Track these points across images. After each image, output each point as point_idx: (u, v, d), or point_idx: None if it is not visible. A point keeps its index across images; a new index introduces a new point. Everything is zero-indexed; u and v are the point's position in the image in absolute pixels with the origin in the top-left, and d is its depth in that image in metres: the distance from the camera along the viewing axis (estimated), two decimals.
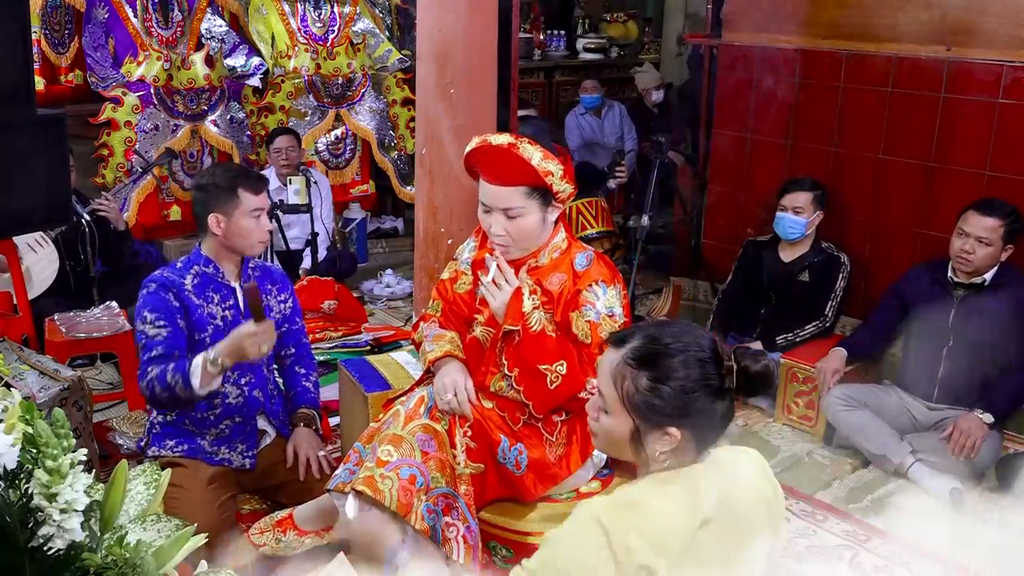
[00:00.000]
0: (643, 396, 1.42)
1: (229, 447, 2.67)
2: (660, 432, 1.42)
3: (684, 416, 1.41)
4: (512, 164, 2.17)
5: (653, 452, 1.45)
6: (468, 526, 2.17)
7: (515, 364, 2.21)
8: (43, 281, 3.95)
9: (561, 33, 7.52)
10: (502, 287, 2.18)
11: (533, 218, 2.23)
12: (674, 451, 1.44)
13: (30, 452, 1.16)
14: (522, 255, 2.30)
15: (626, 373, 1.43)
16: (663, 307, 4.82)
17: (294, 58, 5.29)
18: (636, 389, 1.42)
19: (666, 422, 1.41)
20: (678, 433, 1.41)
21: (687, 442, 1.43)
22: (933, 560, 2.69)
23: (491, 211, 2.24)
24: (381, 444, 2.19)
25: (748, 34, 4.24)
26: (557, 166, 2.20)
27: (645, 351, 1.43)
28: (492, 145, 2.21)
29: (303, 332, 2.92)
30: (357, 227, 5.65)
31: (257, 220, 2.60)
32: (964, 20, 3.50)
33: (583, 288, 2.23)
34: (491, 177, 2.22)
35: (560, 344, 2.20)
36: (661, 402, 1.41)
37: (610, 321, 2.21)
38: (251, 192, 2.59)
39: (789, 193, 3.71)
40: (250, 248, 2.63)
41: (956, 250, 3.15)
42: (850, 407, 3.24)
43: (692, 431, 1.42)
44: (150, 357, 2.47)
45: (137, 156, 4.70)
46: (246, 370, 2.66)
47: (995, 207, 3.12)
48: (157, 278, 2.57)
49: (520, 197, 2.20)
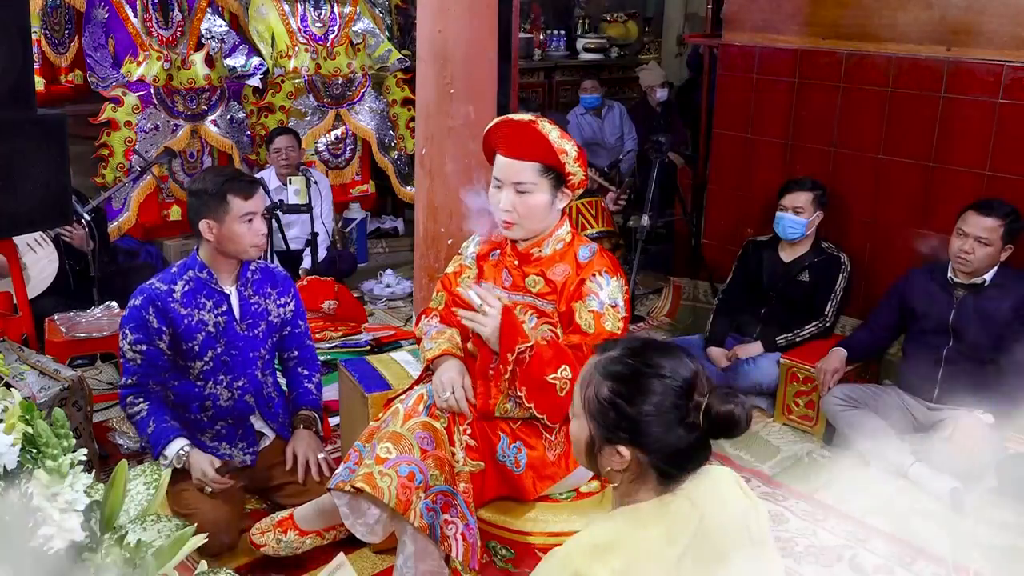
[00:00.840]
0: (599, 406, 1.40)
1: (229, 444, 2.70)
2: (612, 448, 1.40)
3: (637, 438, 1.37)
4: (530, 138, 2.22)
5: (604, 468, 1.43)
6: (467, 524, 2.17)
7: (523, 383, 2.17)
8: (43, 281, 3.95)
9: (561, 33, 7.52)
10: (488, 312, 2.15)
11: (542, 197, 2.24)
12: (635, 477, 1.41)
13: (30, 452, 1.16)
14: (526, 236, 2.31)
15: (593, 379, 1.42)
16: (663, 307, 4.82)
17: (294, 58, 5.29)
18: (596, 397, 1.40)
19: (618, 439, 1.39)
20: (628, 454, 1.38)
21: (645, 469, 1.39)
22: (933, 560, 2.69)
23: (502, 186, 2.26)
24: (380, 442, 2.19)
25: (748, 34, 4.25)
26: (572, 147, 2.25)
27: (619, 363, 1.41)
28: (513, 120, 2.27)
29: (307, 334, 2.91)
30: (357, 227, 5.65)
31: (249, 224, 2.58)
32: (964, 20, 3.50)
33: (586, 278, 2.24)
34: (507, 151, 2.25)
35: (556, 348, 2.19)
36: (615, 416, 1.38)
37: (613, 312, 2.22)
38: (240, 197, 2.56)
39: (789, 193, 3.71)
40: (243, 253, 2.62)
41: (955, 250, 3.15)
42: (850, 407, 3.25)
43: (649, 457, 1.38)
44: (127, 383, 2.62)
45: (137, 156, 4.70)
46: (239, 374, 2.67)
47: (994, 207, 3.12)
48: (146, 289, 2.59)
49: (533, 173, 2.23)
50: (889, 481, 3.13)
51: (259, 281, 2.74)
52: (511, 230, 2.29)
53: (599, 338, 2.17)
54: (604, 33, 7.79)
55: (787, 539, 2.80)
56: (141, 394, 2.60)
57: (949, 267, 3.22)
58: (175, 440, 2.53)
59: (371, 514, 2.26)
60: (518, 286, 2.33)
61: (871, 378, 3.60)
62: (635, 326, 4.57)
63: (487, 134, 2.32)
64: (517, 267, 2.34)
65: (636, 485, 1.42)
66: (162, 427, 2.55)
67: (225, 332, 2.63)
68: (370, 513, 2.26)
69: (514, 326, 2.15)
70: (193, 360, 2.61)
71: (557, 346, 2.20)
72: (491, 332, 2.14)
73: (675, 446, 1.37)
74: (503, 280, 2.37)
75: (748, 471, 3.19)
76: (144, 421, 2.57)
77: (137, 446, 3.26)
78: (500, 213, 2.27)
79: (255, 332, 2.70)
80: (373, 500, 2.18)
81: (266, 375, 2.77)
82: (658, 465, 1.39)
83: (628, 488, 1.43)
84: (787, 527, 2.87)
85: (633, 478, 1.42)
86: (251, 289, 2.70)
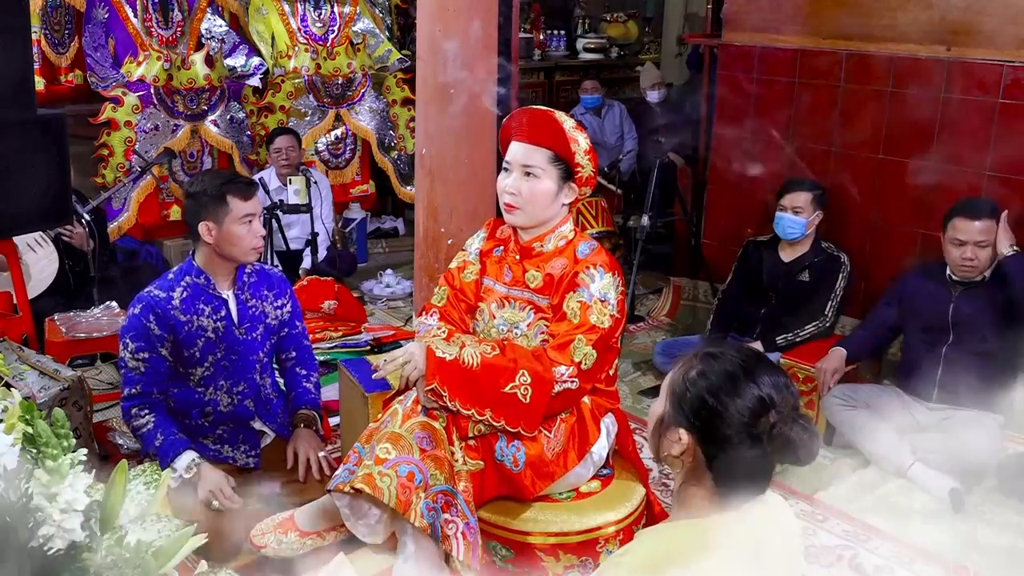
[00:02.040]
0: (683, 386, 1.41)
1: (232, 447, 2.70)
2: (675, 431, 1.41)
3: (703, 428, 1.38)
4: (545, 124, 2.28)
5: (664, 451, 1.44)
6: (467, 523, 2.17)
7: (482, 405, 2.16)
8: (43, 281, 3.94)
9: (561, 33, 7.52)
10: (409, 358, 2.19)
11: (548, 185, 2.28)
12: (691, 473, 1.40)
13: (30, 452, 1.16)
14: (527, 223, 2.33)
15: (692, 363, 1.43)
16: (663, 307, 4.82)
17: (294, 58, 5.29)
18: (683, 378, 1.42)
19: (684, 422, 1.39)
20: (687, 439, 1.39)
21: (701, 467, 1.39)
22: (933, 560, 2.69)
23: (511, 170, 2.31)
24: (379, 442, 2.19)
25: (748, 34, 4.25)
26: (584, 140, 2.31)
27: (723, 358, 1.41)
28: (531, 109, 2.38)
29: (304, 335, 2.91)
30: (357, 227, 5.65)
31: (248, 226, 2.57)
32: (964, 20, 3.50)
33: (581, 270, 2.26)
34: (522, 135, 2.30)
35: (506, 353, 2.20)
36: (692, 399, 1.39)
37: (601, 306, 2.22)
38: (240, 198, 2.54)
39: (789, 193, 3.71)
40: (243, 255, 2.60)
41: (956, 260, 3.12)
42: (849, 407, 3.24)
43: (707, 454, 1.38)
44: (130, 394, 2.57)
45: (137, 156, 4.70)
46: (239, 379, 2.66)
47: (981, 208, 3.10)
48: (144, 297, 2.56)
49: (543, 159, 2.27)
50: (889, 481, 3.13)
51: (255, 284, 2.73)
52: (512, 214, 2.32)
53: (581, 329, 2.18)
54: (604, 33, 7.79)
55: None
56: (146, 405, 2.56)
57: (948, 266, 3.21)
58: (185, 453, 2.51)
59: (372, 515, 2.26)
60: (518, 281, 2.36)
61: (871, 378, 3.60)
62: (635, 326, 4.57)
63: (505, 124, 2.38)
64: (518, 262, 2.36)
65: (692, 486, 1.41)
66: (171, 440, 2.52)
67: (224, 337, 2.62)
68: (371, 514, 2.26)
69: (437, 361, 2.15)
70: (194, 367, 2.60)
71: (507, 353, 2.20)
72: (419, 370, 2.17)
73: (736, 455, 1.36)
74: (504, 276, 2.39)
75: None
76: (151, 434, 2.53)
77: (137, 446, 3.26)
78: (504, 196, 2.31)
79: (254, 335, 2.70)
80: (373, 501, 2.18)
81: (265, 378, 2.77)
82: (715, 467, 1.38)
83: (685, 489, 1.43)
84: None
85: (689, 474, 1.41)
86: (248, 293, 2.69)
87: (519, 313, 2.33)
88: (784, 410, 1.36)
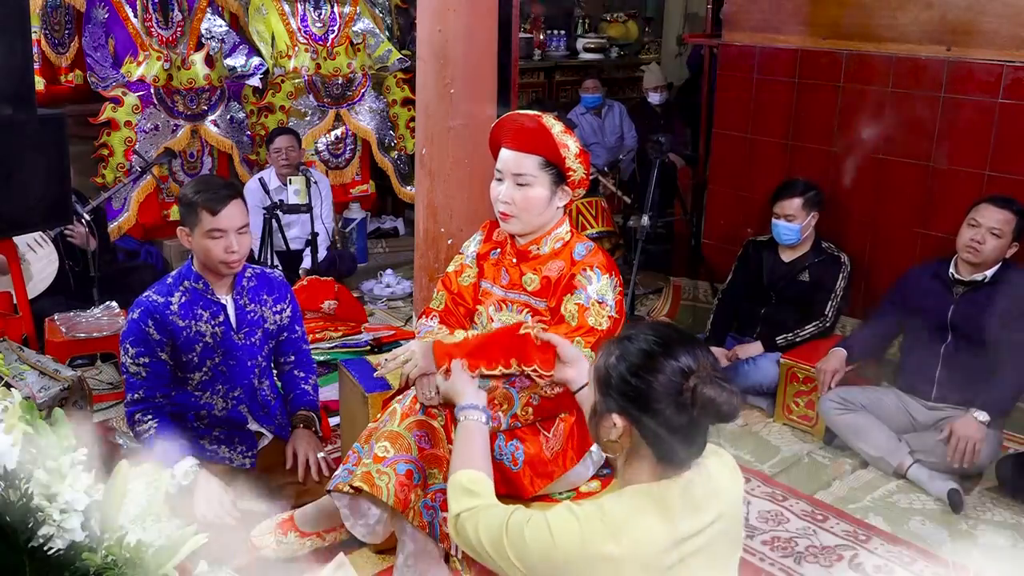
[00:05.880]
0: (605, 373, 1.46)
1: (229, 447, 2.69)
2: (609, 417, 1.46)
3: (632, 409, 1.43)
4: (533, 131, 2.26)
5: (601, 438, 1.49)
6: None
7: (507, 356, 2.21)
8: (43, 281, 3.95)
9: (561, 33, 7.52)
10: (410, 356, 2.25)
11: (541, 192, 2.27)
12: (631, 454, 1.46)
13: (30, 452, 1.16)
14: (523, 230, 2.33)
15: (610, 349, 1.48)
16: (663, 307, 4.82)
17: (294, 58, 5.29)
18: (605, 365, 1.47)
19: (615, 407, 1.45)
20: (620, 423, 1.44)
21: (639, 445, 1.44)
22: (933, 560, 2.69)
23: (503, 179, 2.30)
24: (378, 441, 2.20)
25: (748, 34, 4.25)
26: (574, 144, 2.28)
27: (636, 339, 1.46)
28: (519, 114, 2.32)
29: (303, 339, 2.90)
30: (357, 227, 5.65)
31: (216, 241, 2.48)
32: (964, 20, 3.50)
33: (578, 272, 2.26)
34: (511, 143, 2.29)
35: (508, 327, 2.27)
36: (617, 384, 1.44)
37: (599, 308, 2.22)
38: (209, 212, 2.46)
39: (780, 200, 3.69)
40: (214, 267, 2.54)
41: (966, 240, 3.13)
42: (846, 410, 3.24)
43: (642, 432, 1.43)
44: (133, 399, 2.56)
45: (137, 156, 4.70)
46: (236, 384, 2.66)
47: (1010, 202, 3.13)
48: (143, 302, 2.54)
49: (534, 166, 2.26)
50: (888, 481, 3.14)
51: (255, 288, 2.71)
52: (508, 222, 2.31)
53: (580, 331, 2.18)
54: (604, 33, 7.79)
55: (787, 539, 2.80)
56: (149, 410, 2.55)
57: (950, 264, 3.22)
58: (183, 460, 2.50)
59: (371, 515, 2.26)
60: (515, 284, 2.36)
61: (871, 378, 3.60)
62: None
63: (494, 129, 2.35)
64: (515, 265, 2.36)
65: (634, 466, 1.47)
66: (170, 445, 2.51)
67: (222, 342, 2.60)
68: (370, 514, 2.26)
69: (441, 346, 2.23)
70: (192, 371, 2.60)
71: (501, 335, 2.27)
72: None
73: (667, 425, 1.41)
74: (501, 279, 2.39)
75: (748, 471, 3.19)
76: (152, 439, 2.53)
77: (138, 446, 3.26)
78: (499, 205, 2.30)
79: (252, 340, 2.69)
80: (372, 499, 2.18)
81: (262, 381, 2.76)
82: (652, 443, 1.44)
83: (628, 469, 1.49)
84: (787, 527, 2.86)
85: (631, 454, 1.47)
86: (247, 297, 2.68)
87: (517, 316, 2.33)
88: (702, 372, 1.41)
